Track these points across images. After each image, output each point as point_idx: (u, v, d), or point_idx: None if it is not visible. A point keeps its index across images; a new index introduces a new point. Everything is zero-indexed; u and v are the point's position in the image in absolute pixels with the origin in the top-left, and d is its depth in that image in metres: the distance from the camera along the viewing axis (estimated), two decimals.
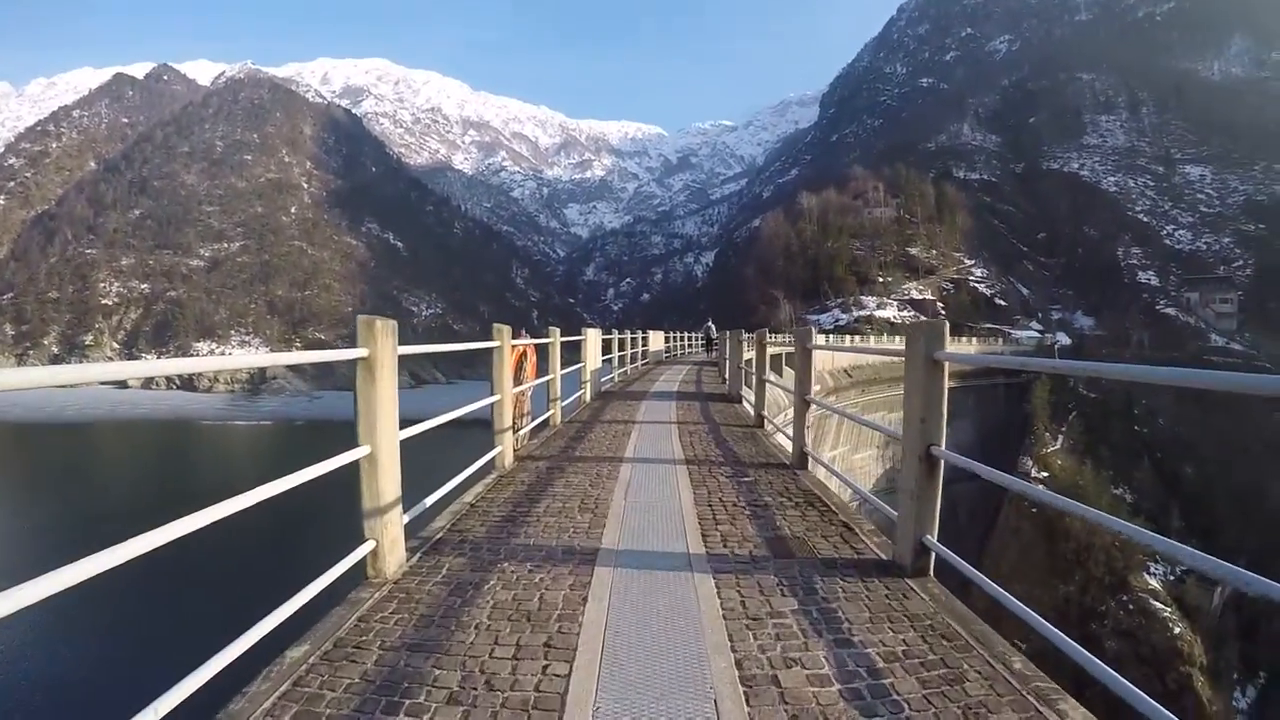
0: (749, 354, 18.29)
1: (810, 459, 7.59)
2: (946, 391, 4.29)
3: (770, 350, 12.34)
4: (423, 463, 6.07)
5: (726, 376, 19.75)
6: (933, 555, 4.24)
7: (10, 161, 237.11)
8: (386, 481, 4.14)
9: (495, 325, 7.54)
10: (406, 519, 4.58)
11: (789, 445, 8.52)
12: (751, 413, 12.30)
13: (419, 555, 4.65)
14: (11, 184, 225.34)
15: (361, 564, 4.13)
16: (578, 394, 14.22)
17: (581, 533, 5.14)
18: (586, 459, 8.19)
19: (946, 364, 4.22)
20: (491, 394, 7.47)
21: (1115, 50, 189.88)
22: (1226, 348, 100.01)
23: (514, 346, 8.16)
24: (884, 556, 4.58)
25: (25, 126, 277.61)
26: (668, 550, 4.75)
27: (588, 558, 4.57)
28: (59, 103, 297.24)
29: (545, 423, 11.02)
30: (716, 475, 7.20)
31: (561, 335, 11.73)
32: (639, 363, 28.08)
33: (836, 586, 4.06)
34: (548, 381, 10.90)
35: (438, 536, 5.08)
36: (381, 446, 4.07)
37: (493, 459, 7.44)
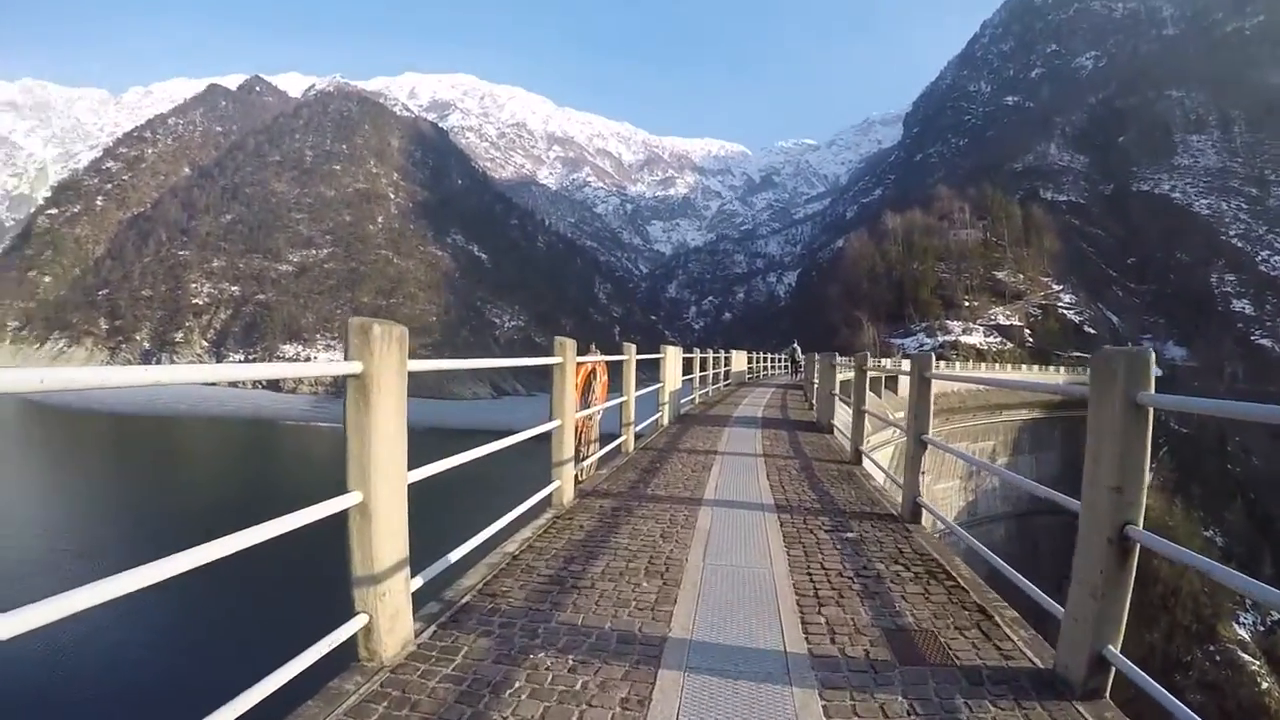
0: (843, 376, 18.42)
1: (925, 512, 6.57)
2: (1149, 448, 3.14)
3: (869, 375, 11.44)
4: (474, 490, 5.96)
5: (814, 401, 19.09)
6: (1112, 673, 3.21)
7: (108, 165, 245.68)
8: (384, 538, 3.25)
9: (557, 339, 6.65)
10: (418, 583, 3.74)
11: (891, 487, 8.21)
12: (846, 446, 10.88)
13: (434, 628, 3.77)
14: (109, 186, 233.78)
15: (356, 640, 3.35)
16: (655, 417, 13.95)
17: (647, 609, 4.11)
18: (660, 498, 7.21)
19: (1152, 410, 3.08)
20: (550, 418, 6.52)
21: (1204, 66, 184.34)
22: None
23: (581, 363, 7.20)
24: (1040, 664, 3.52)
25: (123, 132, 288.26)
26: (758, 646, 3.66)
27: (652, 652, 3.56)
28: (154, 111, 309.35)
29: (617, 449, 10.32)
30: (813, 528, 6.12)
31: (641, 352, 11.00)
32: (721, 384, 27.09)
33: (988, 715, 3.04)
34: (621, 404, 10.32)
35: (463, 601, 4.19)
36: (379, 492, 3.19)
37: (549, 495, 6.53)
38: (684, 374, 18.04)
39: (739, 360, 34.49)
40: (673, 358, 15.00)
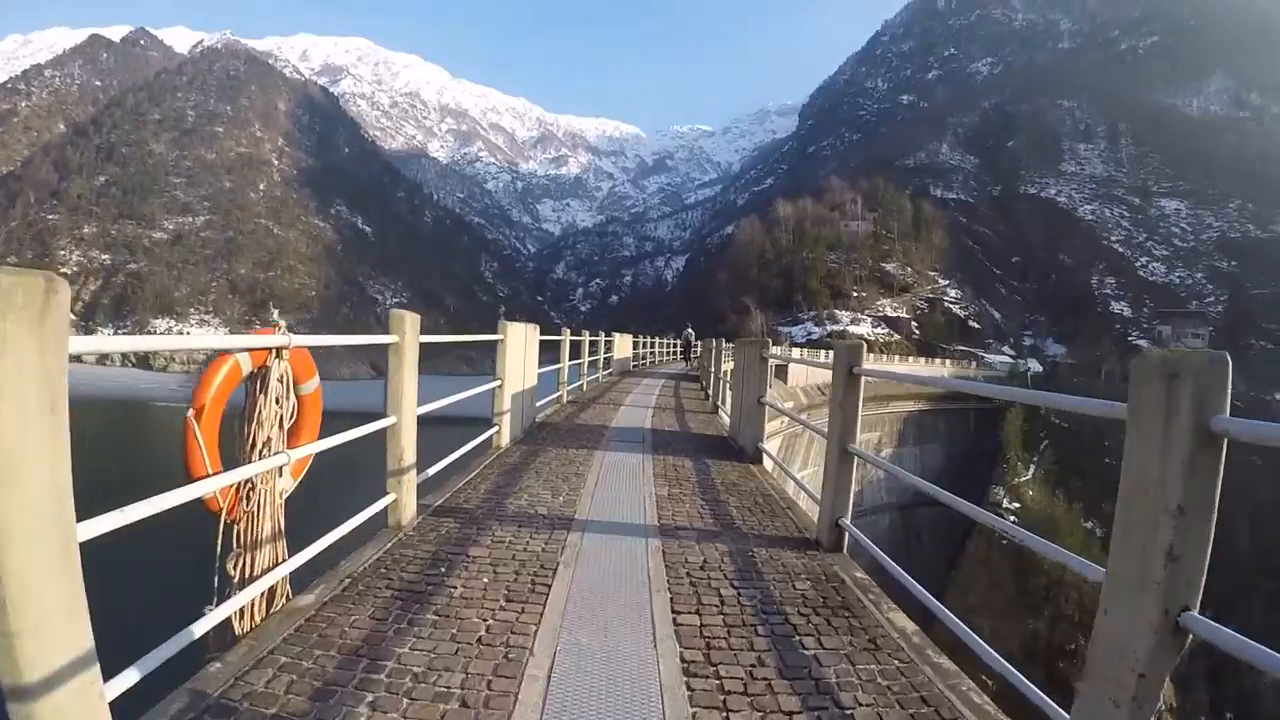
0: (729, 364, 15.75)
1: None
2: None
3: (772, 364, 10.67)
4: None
5: (718, 403, 15.60)
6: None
7: None
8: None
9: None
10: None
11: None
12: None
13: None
14: None
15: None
16: (490, 432, 8.52)
17: None
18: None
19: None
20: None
21: (1097, 80, 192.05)
22: None
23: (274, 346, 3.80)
24: None
25: None
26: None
27: None
28: (32, 61, 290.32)
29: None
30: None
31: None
32: (600, 374, 22.73)
33: None
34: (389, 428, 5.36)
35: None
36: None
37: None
38: (543, 365, 12.37)
39: (623, 345, 28.92)
40: (517, 339, 9.33)
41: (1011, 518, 61.66)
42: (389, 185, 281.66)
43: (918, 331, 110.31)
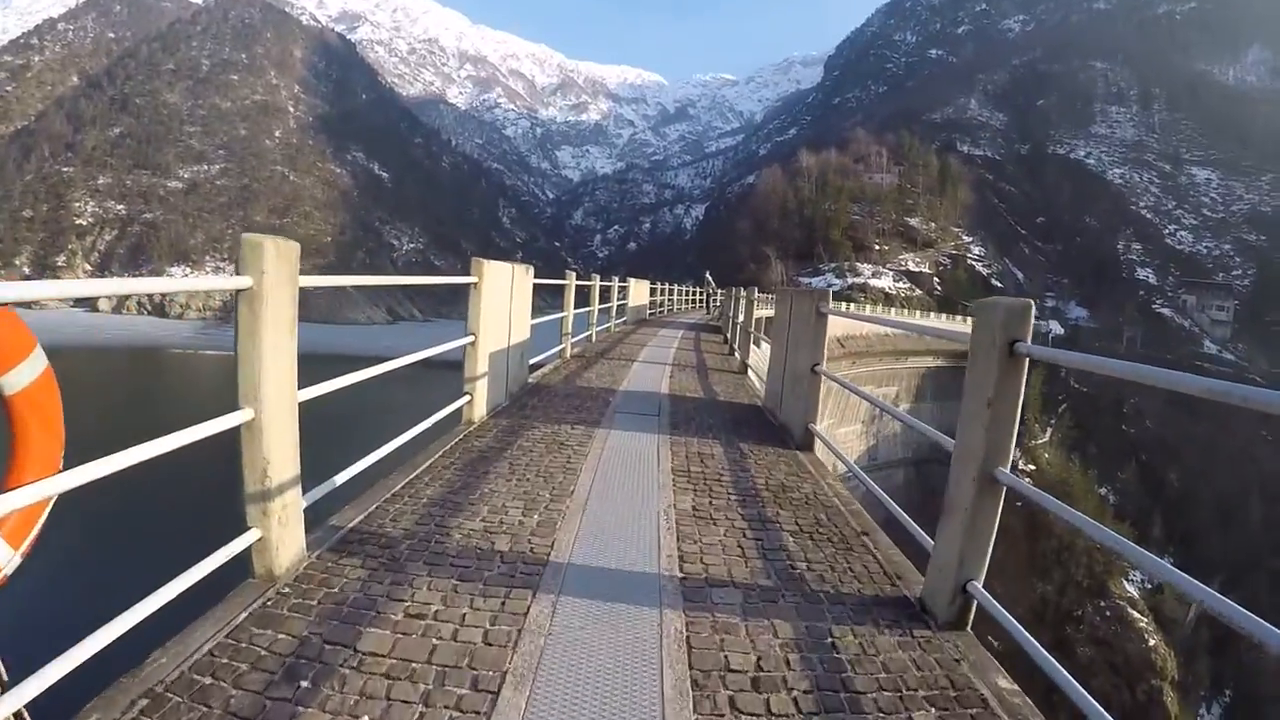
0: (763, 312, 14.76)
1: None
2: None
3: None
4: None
5: (734, 345, 14.73)
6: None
7: None
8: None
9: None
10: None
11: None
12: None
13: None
14: None
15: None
16: (460, 403, 6.49)
17: None
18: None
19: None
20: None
21: (1131, 43, 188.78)
22: (1219, 356, 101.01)
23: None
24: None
25: (9, 39, 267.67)
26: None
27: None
28: (45, 16, 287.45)
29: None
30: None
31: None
32: (613, 323, 19.40)
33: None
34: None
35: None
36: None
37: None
38: (544, 313, 10.47)
39: (639, 292, 26.53)
40: (498, 283, 6.94)
41: (1027, 480, 60.56)
42: (406, 131, 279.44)
43: (940, 287, 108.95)
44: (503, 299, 7.08)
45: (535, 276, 8.39)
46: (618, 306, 19.97)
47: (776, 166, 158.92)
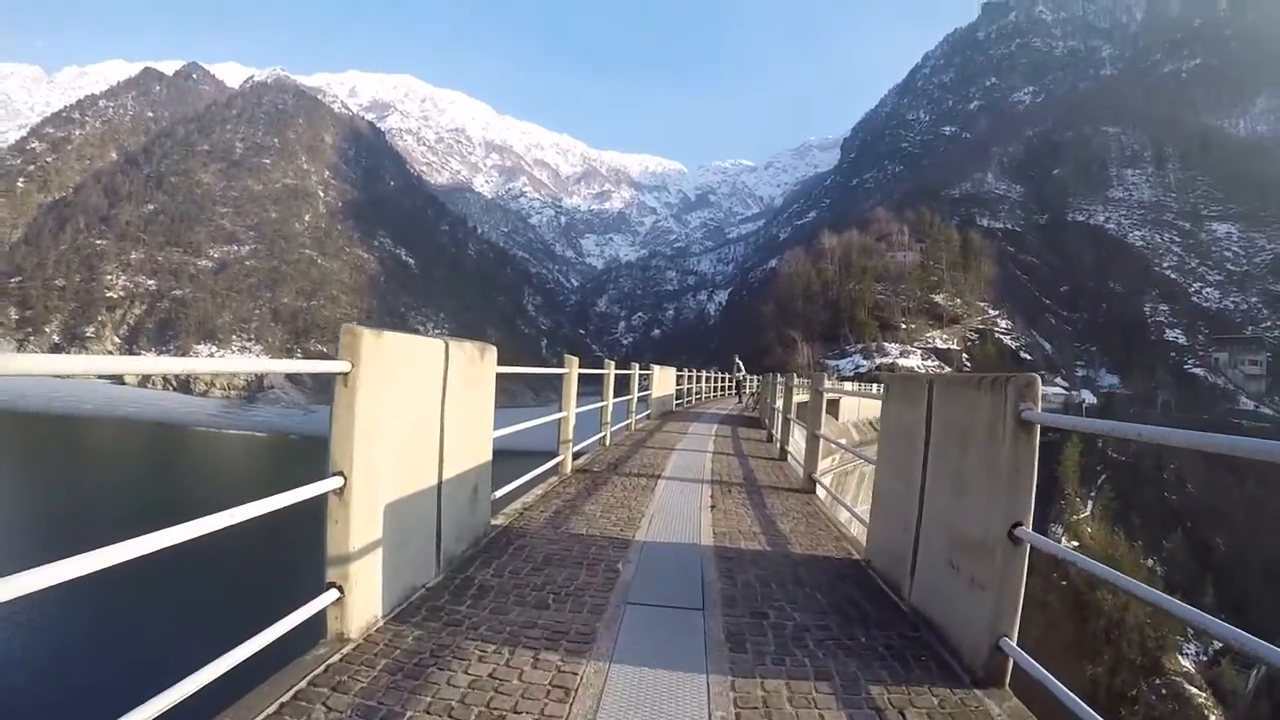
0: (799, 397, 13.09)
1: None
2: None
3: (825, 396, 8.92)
4: None
5: (775, 436, 13.22)
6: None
7: (33, 145, 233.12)
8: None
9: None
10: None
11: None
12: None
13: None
14: (31, 168, 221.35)
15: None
16: (323, 602, 3.69)
17: None
18: None
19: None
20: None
21: (1141, 105, 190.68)
22: (1256, 411, 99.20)
23: None
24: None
25: (52, 112, 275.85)
26: None
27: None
28: (88, 92, 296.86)
29: None
30: None
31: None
32: (633, 419, 16.15)
33: None
34: None
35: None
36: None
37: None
38: (544, 407, 9.21)
39: (664, 380, 21.83)
40: (403, 367, 3.94)
41: (1099, 563, 59.72)
42: (433, 218, 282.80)
43: (969, 364, 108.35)
44: (424, 397, 4.33)
45: (556, 365, 7.70)
46: (639, 399, 17.17)
47: (799, 249, 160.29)
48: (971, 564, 3.61)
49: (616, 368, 13.27)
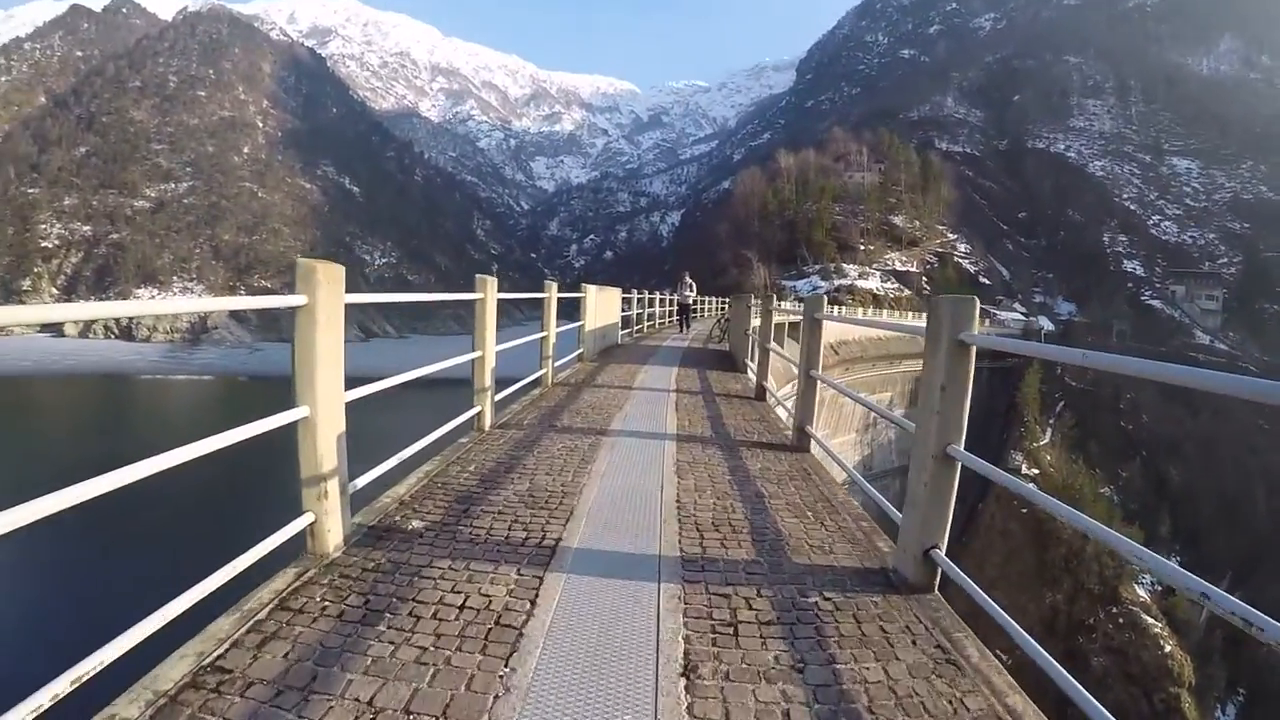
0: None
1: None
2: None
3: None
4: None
5: (754, 374, 10.81)
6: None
7: None
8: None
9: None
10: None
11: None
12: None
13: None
14: None
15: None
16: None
17: None
18: None
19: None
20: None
21: (1104, 37, 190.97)
22: (1211, 345, 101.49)
23: None
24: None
25: None
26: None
27: None
28: (13, 36, 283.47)
29: None
30: None
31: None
32: (548, 369, 10.44)
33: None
34: None
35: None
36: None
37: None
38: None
39: (604, 305, 16.56)
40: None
41: (1031, 485, 58.90)
42: (378, 145, 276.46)
43: (928, 287, 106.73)
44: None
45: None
46: (577, 331, 13.45)
47: (755, 168, 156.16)
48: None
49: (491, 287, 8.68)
